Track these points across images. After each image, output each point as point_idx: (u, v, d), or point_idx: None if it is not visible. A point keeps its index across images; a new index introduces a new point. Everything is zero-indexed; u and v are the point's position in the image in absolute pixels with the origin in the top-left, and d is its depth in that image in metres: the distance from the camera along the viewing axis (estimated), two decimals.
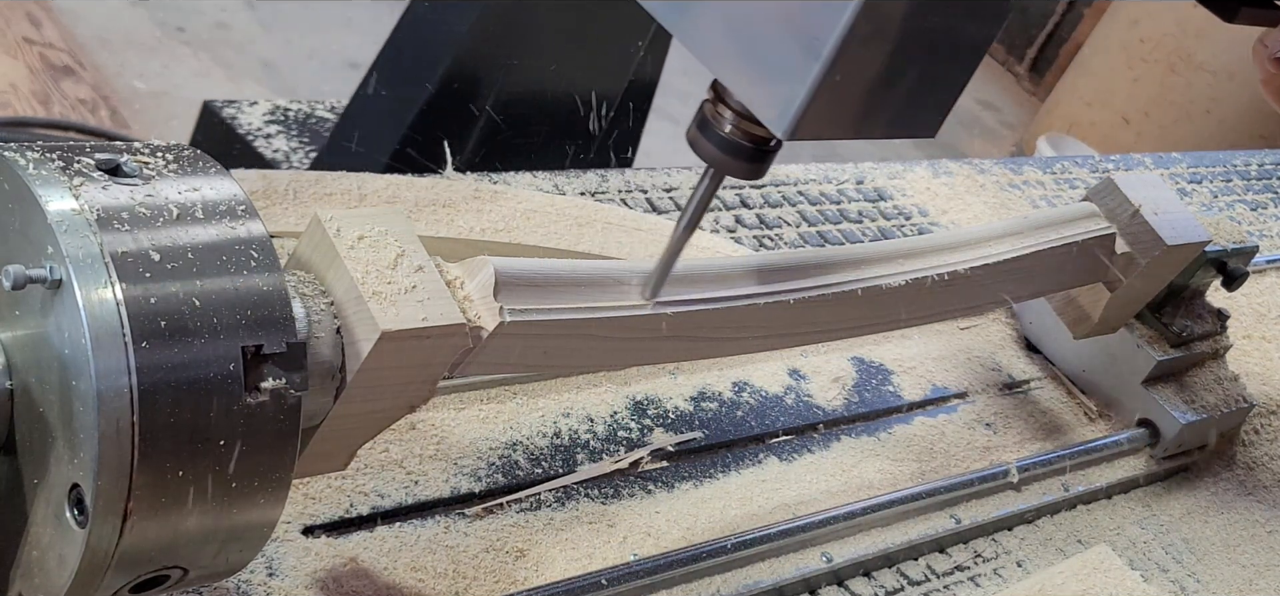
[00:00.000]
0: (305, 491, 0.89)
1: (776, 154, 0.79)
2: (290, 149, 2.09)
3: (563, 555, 0.93)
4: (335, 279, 0.69)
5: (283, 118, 2.15)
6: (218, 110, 2.10)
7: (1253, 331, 1.59)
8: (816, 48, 0.68)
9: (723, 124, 0.78)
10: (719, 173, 0.80)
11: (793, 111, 0.69)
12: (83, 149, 0.62)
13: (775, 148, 0.79)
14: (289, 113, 2.16)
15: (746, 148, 0.78)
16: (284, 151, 2.08)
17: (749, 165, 0.79)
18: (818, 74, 0.68)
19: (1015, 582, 1.10)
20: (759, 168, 0.79)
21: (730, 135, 0.78)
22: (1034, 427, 1.29)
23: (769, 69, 0.70)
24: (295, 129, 2.13)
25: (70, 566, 0.60)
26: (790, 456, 1.12)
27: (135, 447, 0.57)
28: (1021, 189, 1.76)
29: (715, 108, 0.78)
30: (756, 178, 0.80)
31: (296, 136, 2.11)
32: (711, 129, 0.78)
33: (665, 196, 1.41)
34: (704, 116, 0.79)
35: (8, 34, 2.69)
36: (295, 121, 2.15)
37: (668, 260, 0.83)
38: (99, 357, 0.56)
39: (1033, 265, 1.10)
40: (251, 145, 2.07)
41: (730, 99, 0.77)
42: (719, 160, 0.79)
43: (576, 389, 1.09)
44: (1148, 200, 1.18)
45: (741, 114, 0.76)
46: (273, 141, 2.10)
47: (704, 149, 0.79)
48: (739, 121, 0.77)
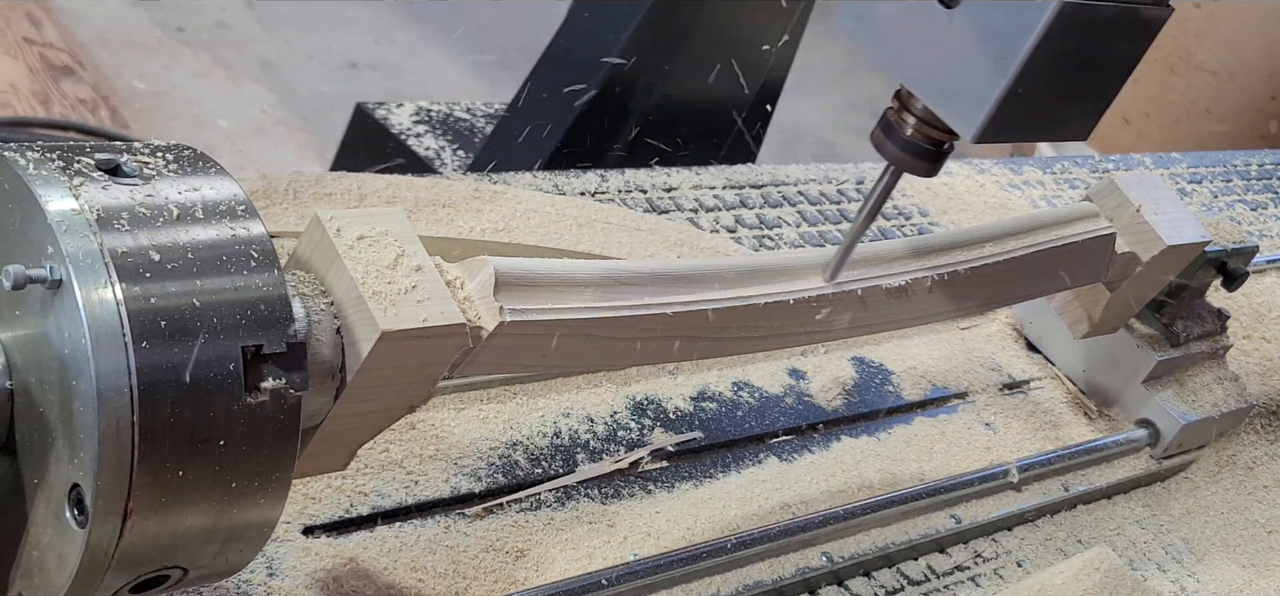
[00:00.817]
0: (305, 491, 0.88)
1: (949, 156, 0.92)
2: (439, 147, 2.19)
3: (563, 555, 0.93)
4: (335, 279, 0.69)
5: (427, 118, 2.26)
6: (371, 112, 2.22)
7: (1253, 331, 1.59)
8: (1006, 63, 0.80)
9: (905, 128, 0.90)
10: (899, 170, 0.92)
11: (982, 119, 0.82)
12: (83, 149, 0.62)
13: (949, 150, 0.91)
14: (431, 113, 2.27)
15: (927, 149, 0.90)
16: (434, 149, 2.18)
17: (927, 165, 0.91)
18: (1006, 86, 0.80)
19: (1015, 582, 1.10)
20: (935, 167, 0.91)
21: (912, 137, 0.90)
22: (1034, 427, 1.29)
23: (960, 81, 0.83)
24: (439, 129, 2.24)
25: (70, 566, 0.60)
26: (790, 456, 1.12)
27: (135, 447, 0.57)
28: (1021, 189, 1.76)
29: (898, 114, 0.90)
30: (932, 176, 0.92)
31: (442, 136, 2.23)
32: (895, 132, 0.91)
33: (665, 196, 1.41)
34: (888, 121, 0.91)
35: (8, 34, 2.69)
36: (438, 122, 2.26)
37: (848, 246, 0.94)
38: (99, 357, 0.56)
39: (1033, 265, 1.10)
40: (404, 143, 2.18)
41: (913, 106, 0.89)
42: (900, 159, 0.91)
43: (576, 389, 1.09)
44: (1148, 200, 1.18)
45: (923, 119, 0.89)
46: (422, 140, 2.20)
47: (887, 150, 0.91)
48: (920, 126, 0.89)
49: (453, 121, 2.27)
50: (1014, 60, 0.79)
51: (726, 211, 1.43)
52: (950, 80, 0.83)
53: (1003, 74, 0.80)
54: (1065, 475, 1.23)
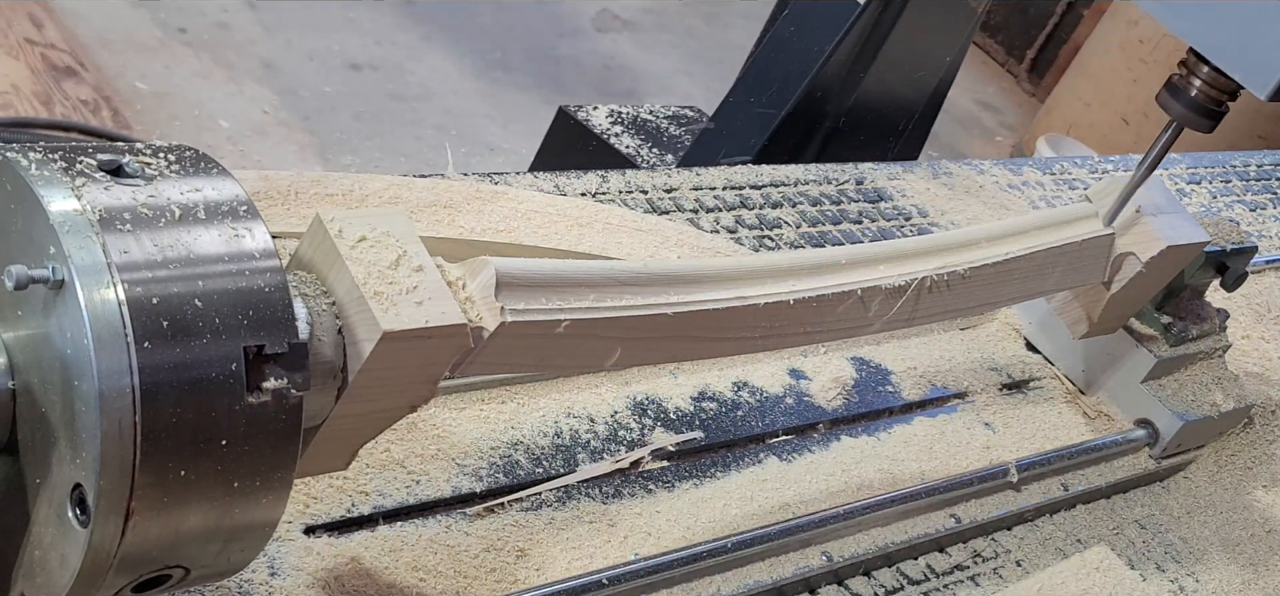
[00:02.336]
0: (307, 491, 0.89)
1: (1224, 116, 1.06)
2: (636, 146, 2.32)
3: (564, 554, 0.93)
4: (337, 279, 0.69)
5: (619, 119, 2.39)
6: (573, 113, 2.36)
7: (1252, 331, 1.59)
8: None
9: (1191, 89, 1.05)
10: (1180, 126, 1.07)
11: (1277, 78, 0.95)
12: (85, 150, 0.63)
13: (1226, 111, 1.05)
14: (623, 115, 2.41)
15: (1210, 108, 1.05)
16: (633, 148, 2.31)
17: (1208, 121, 1.06)
18: None
19: (1015, 582, 1.10)
20: (1213, 124, 1.06)
21: (1197, 97, 1.05)
22: (1034, 427, 1.29)
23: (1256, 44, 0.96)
24: (630, 129, 2.38)
25: (72, 566, 0.60)
26: (790, 456, 1.12)
27: (137, 447, 0.57)
28: (1021, 189, 1.76)
29: (1185, 77, 1.05)
30: (1210, 131, 1.07)
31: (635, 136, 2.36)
32: (1182, 93, 1.05)
33: (665, 197, 1.41)
34: (1174, 84, 1.06)
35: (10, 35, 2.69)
36: (629, 123, 2.40)
37: (1129, 191, 1.13)
38: (101, 357, 0.56)
39: (1033, 265, 1.10)
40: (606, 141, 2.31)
41: (1199, 70, 1.04)
42: (1186, 117, 1.06)
43: (577, 389, 1.09)
44: (1148, 200, 1.19)
45: (1208, 82, 1.03)
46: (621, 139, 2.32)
47: (1173, 109, 1.06)
48: (1204, 87, 1.04)
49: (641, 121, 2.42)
50: None
51: (726, 211, 1.44)
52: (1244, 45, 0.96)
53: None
54: (1064, 475, 1.24)
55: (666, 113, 2.46)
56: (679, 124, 2.42)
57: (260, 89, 3.40)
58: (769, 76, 2.12)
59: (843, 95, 2.12)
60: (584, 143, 2.31)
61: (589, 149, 2.30)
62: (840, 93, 2.11)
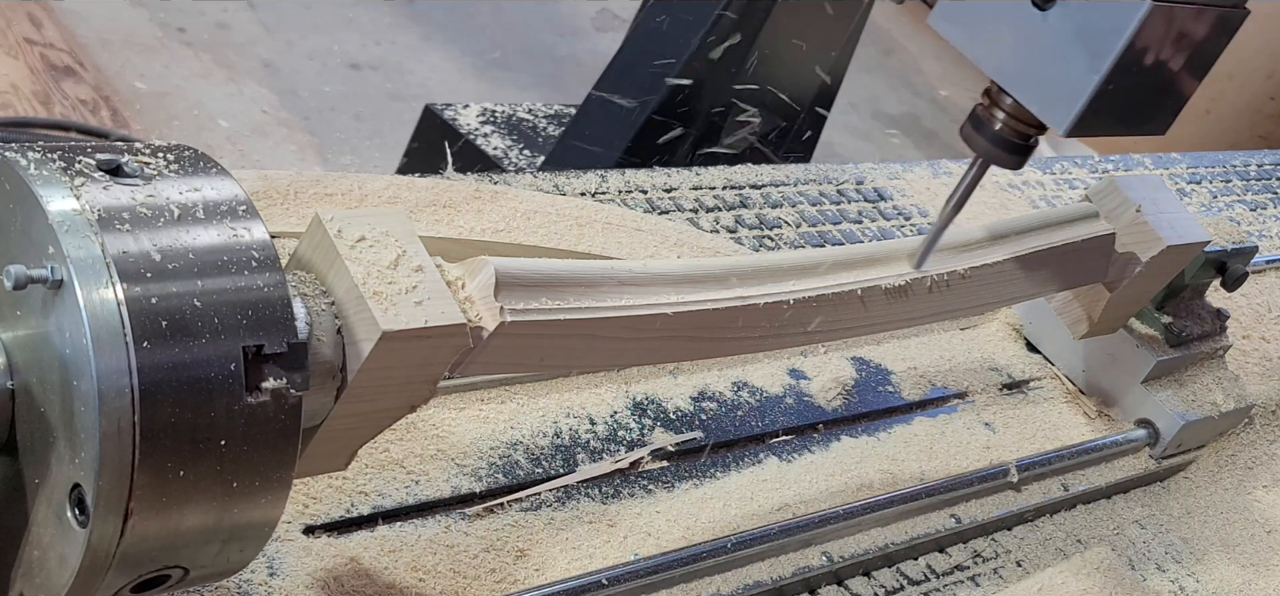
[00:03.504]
0: (306, 491, 0.89)
1: (1035, 149, 0.96)
2: (506, 147, 2.26)
3: (563, 555, 0.93)
4: (336, 279, 0.69)
5: (492, 119, 2.32)
6: (439, 112, 2.29)
7: (1252, 331, 1.59)
8: (1099, 61, 0.84)
9: (995, 122, 0.95)
10: (987, 163, 0.97)
11: (1074, 113, 0.86)
12: (84, 149, 0.63)
13: (1035, 144, 0.96)
14: (496, 114, 2.33)
15: (1014, 143, 0.95)
16: (501, 149, 2.24)
17: (1014, 157, 0.96)
18: (1098, 82, 0.84)
19: (1015, 582, 1.10)
20: (1021, 160, 0.96)
21: (1001, 131, 0.95)
22: (1034, 427, 1.29)
23: (1053, 78, 0.87)
24: (503, 129, 2.31)
25: (71, 566, 0.60)
26: (790, 456, 1.12)
27: (136, 447, 0.57)
28: (1021, 189, 1.76)
29: (989, 109, 0.95)
30: (1018, 168, 0.97)
31: (507, 136, 2.29)
32: (985, 126, 0.95)
33: (665, 197, 1.41)
34: (978, 116, 0.96)
35: (9, 34, 2.69)
36: (503, 122, 2.32)
37: (935, 235, 0.99)
38: (100, 357, 0.56)
39: (1033, 265, 1.10)
40: (473, 142, 2.24)
41: (1002, 102, 0.94)
42: (990, 152, 0.96)
43: (576, 389, 1.09)
44: (1147, 200, 1.19)
45: (1011, 114, 0.93)
46: (490, 140, 2.27)
47: (977, 143, 0.96)
48: (1009, 120, 0.94)
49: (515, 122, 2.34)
50: (1107, 58, 0.84)
51: (726, 211, 1.43)
52: (1043, 77, 0.88)
53: (1096, 71, 0.84)
54: (1065, 475, 1.23)
55: (547, 111, 2.38)
56: (559, 123, 2.33)
57: (260, 89, 3.39)
58: (635, 71, 2.00)
59: (716, 91, 2.00)
60: (450, 143, 2.23)
61: (455, 149, 2.22)
62: (713, 89, 1.99)
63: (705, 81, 1.97)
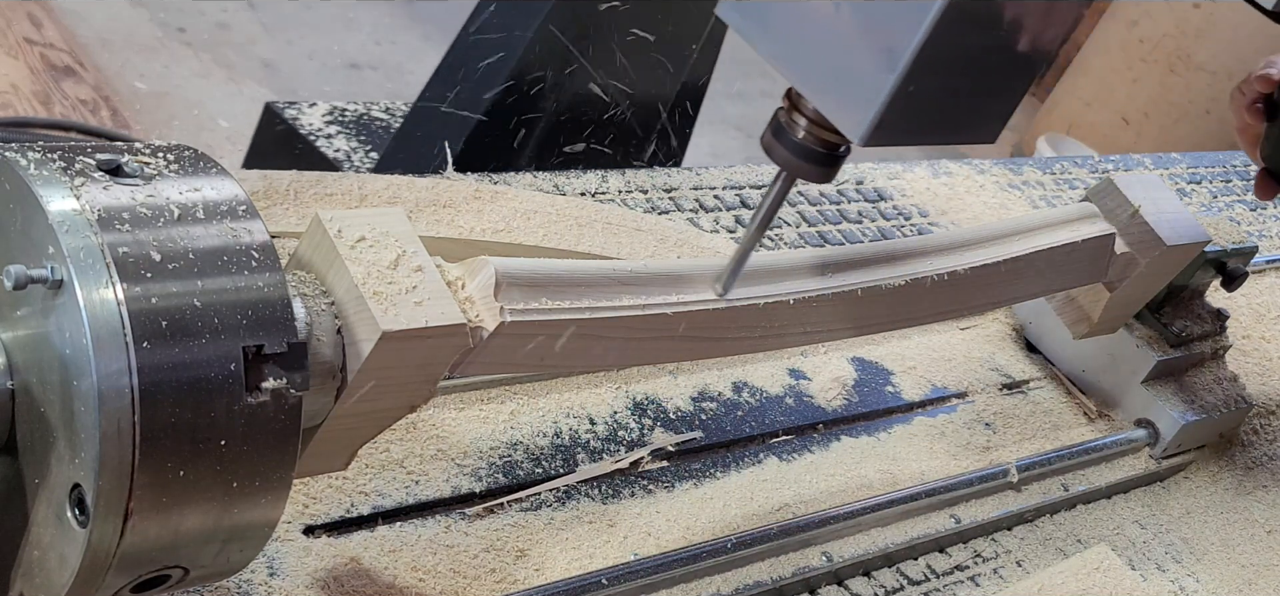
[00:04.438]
0: (306, 491, 0.89)
1: (845, 159, 0.83)
2: (350, 149, 2.13)
3: (563, 555, 0.93)
4: (336, 279, 0.69)
5: (340, 119, 2.18)
6: (280, 111, 2.14)
7: (1252, 331, 1.59)
8: (894, 59, 0.72)
9: (797, 130, 0.81)
10: (792, 176, 0.84)
11: (869, 119, 0.74)
12: (84, 149, 0.63)
13: (845, 153, 0.82)
14: (346, 114, 2.20)
15: (819, 153, 0.81)
16: (345, 151, 2.12)
17: (821, 169, 0.82)
18: (894, 83, 0.72)
19: (1015, 582, 1.10)
20: (830, 172, 0.83)
21: (804, 141, 0.81)
22: (1034, 427, 1.29)
23: (846, 78, 0.74)
24: (352, 129, 2.17)
25: (71, 566, 0.60)
26: (790, 456, 1.12)
27: (136, 447, 0.57)
28: (1021, 189, 1.76)
29: (789, 115, 0.81)
30: (826, 181, 0.84)
31: (355, 137, 2.15)
32: (786, 135, 0.82)
33: (665, 197, 1.41)
34: (779, 123, 0.82)
35: (9, 34, 2.69)
36: (352, 122, 2.19)
37: (740, 258, 0.86)
38: (100, 357, 0.56)
39: (1033, 265, 1.10)
40: (313, 144, 2.11)
41: (804, 106, 0.80)
42: (793, 165, 0.83)
43: (576, 389, 1.09)
44: (1147, 200, 1.19)
45: (815, 120, 0.80)
46: (333, 142, 2.14)
47: (778, 154, 0.83)
48: (812, 127, 0.81)
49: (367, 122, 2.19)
50: (903, 55, 0.72)
51: (726, 211, 1.43)
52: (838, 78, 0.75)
53: (892, 70, 0.72)
54: (1065, 475, 1.23)
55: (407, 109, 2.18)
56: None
57: (260, 89, 3.39)
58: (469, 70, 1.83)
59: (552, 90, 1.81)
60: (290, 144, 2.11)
61: (295, 151, 2.10)
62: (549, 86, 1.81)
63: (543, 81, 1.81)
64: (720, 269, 0.87)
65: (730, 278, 0.87)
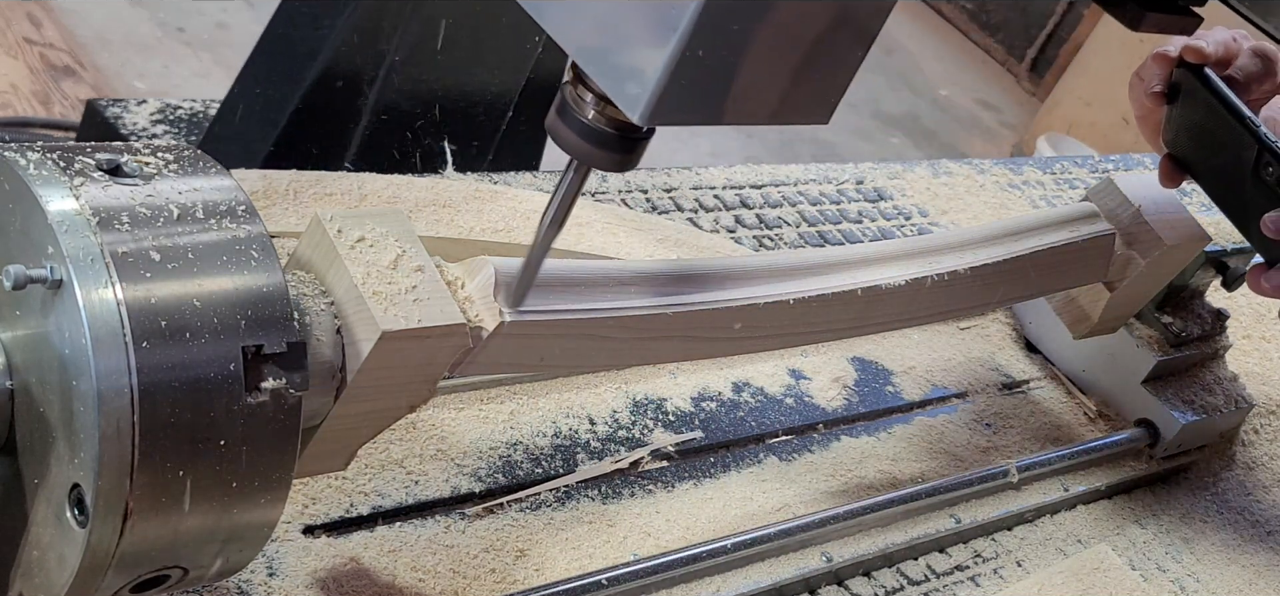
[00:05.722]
0: (306, 491, 0.89)
1: (648, 142, 0.70)
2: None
3: (563, 555, 0.93)
4: (335, 279, 0.69)
5: (172, 117, 2.02)
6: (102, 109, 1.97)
7: (1252, 331, 1.59)
8: (675, 19, 0.60)
9: (585, 109, 0.68)
10: (583, 165, 0.71)
11: (650, 92, 0.61)
12: (83, 149, 0.63)
13: (646, 135, 0.69)
14: (179, 111, 2.04)
15: (611, 136, 0.68)
16: None
17: (615, 155, 0.69)
18: (674, 51, 0.60)
19: (1015, 582, 1.10)
20: (627, 159, 0.70)
21: (593, 121, 0.68)
22: (1034, 427, 1.29)
23: (623, 48, 0.62)
24: (185, 127, 2.01)
25: (70, 566, 0.60)
26: (790, 456, 1.12)
27: (135, 447, 0.57)
28: (1021, 189, 1.76)
29: (576, 90, 0.68)
30: (625, 169, 0.71)
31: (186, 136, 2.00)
32: (572, 114, 0.69)
33: (665, 197, 1.41)
34: (564, 101, 0.69)
35: (8, 34, 2.69)
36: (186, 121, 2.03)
37: (533, 264, 0.75)
38: (99, 357, 0.56)
39: (1033, 265, 1.10)
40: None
41: (590, 80, 0.67)
42: (582, 150, 0.69)
43: (576, 389, 1.09)
44: (1148, 200, 1.19)
45: (604, 97, 0.67)
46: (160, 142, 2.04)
47: (565, 137, 0.69)
48: (602, 105, 0.68)
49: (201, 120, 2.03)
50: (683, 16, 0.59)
51: (726, 211, 1.43)
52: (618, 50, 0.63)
53: (671, 31, 0.60)
54: (1065, 475, 1.23)
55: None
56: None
57: None
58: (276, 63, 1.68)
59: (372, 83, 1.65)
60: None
61: None
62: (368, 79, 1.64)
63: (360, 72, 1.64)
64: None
65: (521, 288, 0.75)
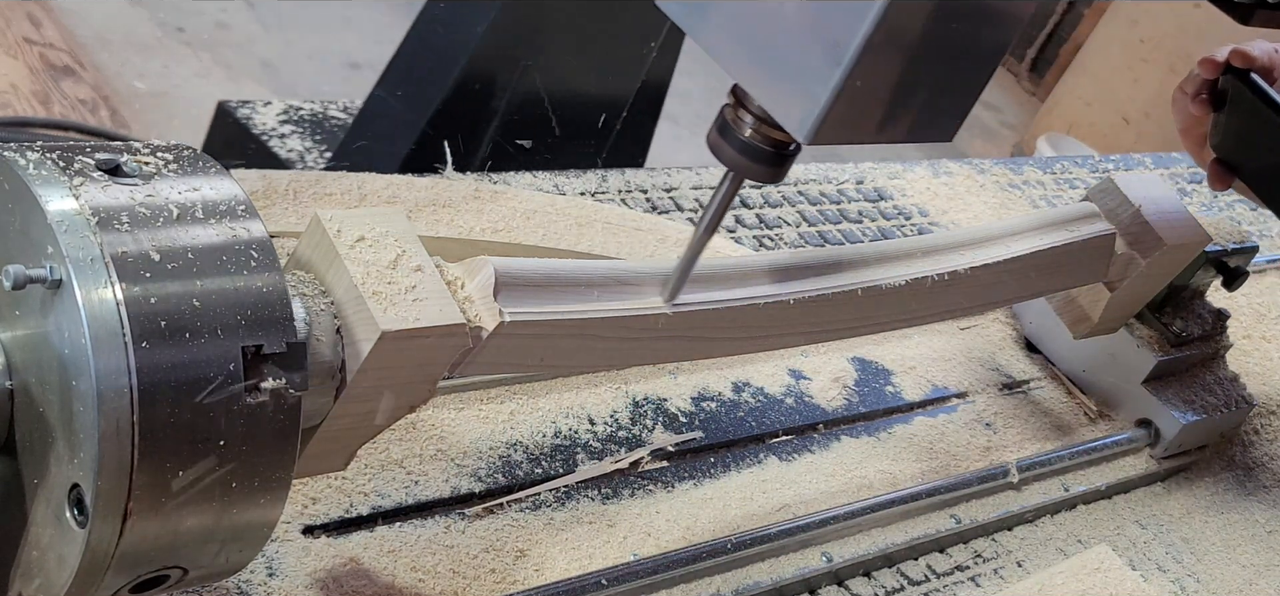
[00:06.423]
0: (305, 491, 0.89)
1: (795, 157, 0.80)
2: (304, 149, 2.09)
3: (563, 555, 0.93)
4: (335, 279, 0.69)
5: (296, 118, 2.14)
6: (232, 110, 2.09)
7: (1253, 331, 1.59)
8: (839, 53, 0.69)
9: (743, 128, 0.78)
10: (739, 176, 0.81)
11: (814, 116, 0.70)
12: (83, 149, 0.62)
13: (794, 151, 0.80)
14: (302, 112, 2.15)
15: (766, 151, 0.79)
16: (298, 151, 2.08)
17: (769, 169, 0.80)
18: (839, 79, 0.69)
19: (1015, 582, 1.10)
20: (778, 171, 0.80)
21: (750, 139, 0.78)
22: (1034, 427, 1.29)
23: (790, 74, 0.71)
24: (308, 128, 2.12)
25: (70, 566, 0.60)
26: (790, 456, 1.12)
27: (135, 447, 0.57)
28: (1021, 189, 1.76)
29: (735, 112, 0.79)
30: (776, 181, 0.81)
31: (310, 136, 2.11)
32: (732, 133, 0.79)
33: (665, 196, 1.41)
34: (724, 120, 0.79)
35: (8, 34, 2.69)
36: (308, 121, 2.14)
37: (687, 262, 0.84)
38: (99, 357, 0.56)
39: (1033, 265, 1.10)
40: (266, 145, 2.07)
41: (750, 103, 0.78)
42: (740, 164, 0.80)
43: (576, 389, 1.09)
44: (1148, 200, 1.18)
45: (761, 118, 0.77)
46: (287, 141, 2.10)
47: (724, 153, 0.80)
48: (759, 125, 0.78)
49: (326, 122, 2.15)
50: (848, 49, 0.69)
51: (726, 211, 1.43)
52: (782, 74, 0.72)
53: (837, 64, 0.69)
54: (1065, 475, 1.23)
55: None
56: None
57: (259, 89, 3.39)
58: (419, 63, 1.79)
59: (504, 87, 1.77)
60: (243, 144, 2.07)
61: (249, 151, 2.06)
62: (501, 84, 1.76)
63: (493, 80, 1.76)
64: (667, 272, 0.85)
65: (677, 283, 0.84)
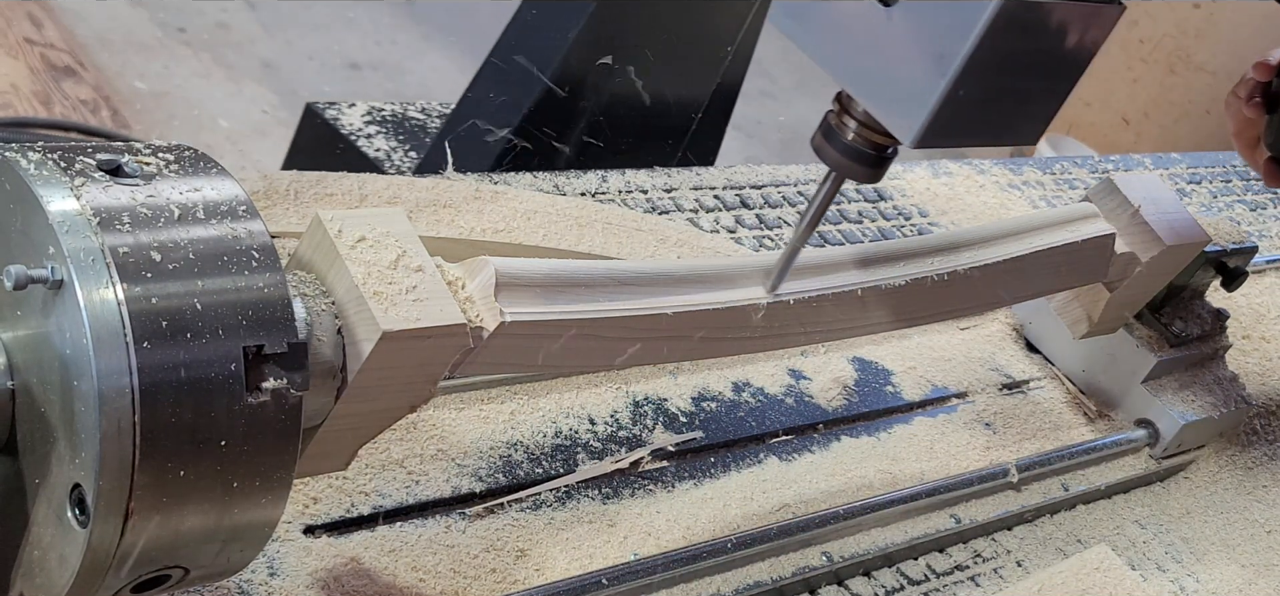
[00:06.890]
0: (306, 491, 0.89)
1: (892, 160, 0.87)
2: (391, 149, 2.13)
3: (563, 555, 0.93)
4: (336, 279, 0.69)
5: (378, 118, 2.19)
6: (320, 112, 2.15)
7: (1252, 331, 1.59)
8: (944, 65, 0.75)
9: (846, 132, 0.85)
10: (841, 177, 0.88)
11: (921, 123, 0.77)
12: (84, 149, 0.63)
13: (892, 154, 0.86)
14: (383, 113, 2.21)
15: (868, 154, 0.86)
16: (385, 151, 2.12)
17: (869, 170, 0.86)
18: (944, 88, 0.76)
19: (1015, 582, 1.10)
20: (878, 172, 0.87)
21: (853, 142, 0.85)
22: (1034, 427, 1.29)
23: (897, 83, 0.78)
24: (391, 129, 2.18)
25: (71, 566, 0.60)
26: (790, 456, 1.12)
27: (137, 447, 0.57)
28: (1021, 189, 1.76)
29: (839, 117, 0.85)
30: (875, 181, 0.88)
31: (393, 136, 2.16)
32: (836, 136, 0.86)
33: (665, 197, 1.41)
34: (829, 125, 0.86)
35: (9, 34, 2.69)
36: (391, 122, 2.20)
37: (789, 255, 0.90)
38: (100, 357, 0.56)
39: (1033, 265, 1.10)
40: (355, 144, 2.11)
41: (854, 109, 0.84)
42: (842, 165, 0.87)
43: (577, 389, 1.09)
44: (1147, 200, 1.19)
45: (864, 122, 0.84)
46: (373, 141, 2.15)
47: (828, 155, 0.87)
48: (861, 130, 0.85)
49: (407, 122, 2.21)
50: (954, 61, 0.75)
51: (726, 211, 1.43)
52: (889, 82, 0.79)
53: (942, 75, 0.76)
54: (1065, 475, 1.23)
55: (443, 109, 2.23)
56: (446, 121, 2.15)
57: (260, 89, 3.39)
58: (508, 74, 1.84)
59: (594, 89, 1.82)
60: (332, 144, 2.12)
61: (337, 150, 2.11)
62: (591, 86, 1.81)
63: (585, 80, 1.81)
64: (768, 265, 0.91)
65: (779, 275, 0.90)
